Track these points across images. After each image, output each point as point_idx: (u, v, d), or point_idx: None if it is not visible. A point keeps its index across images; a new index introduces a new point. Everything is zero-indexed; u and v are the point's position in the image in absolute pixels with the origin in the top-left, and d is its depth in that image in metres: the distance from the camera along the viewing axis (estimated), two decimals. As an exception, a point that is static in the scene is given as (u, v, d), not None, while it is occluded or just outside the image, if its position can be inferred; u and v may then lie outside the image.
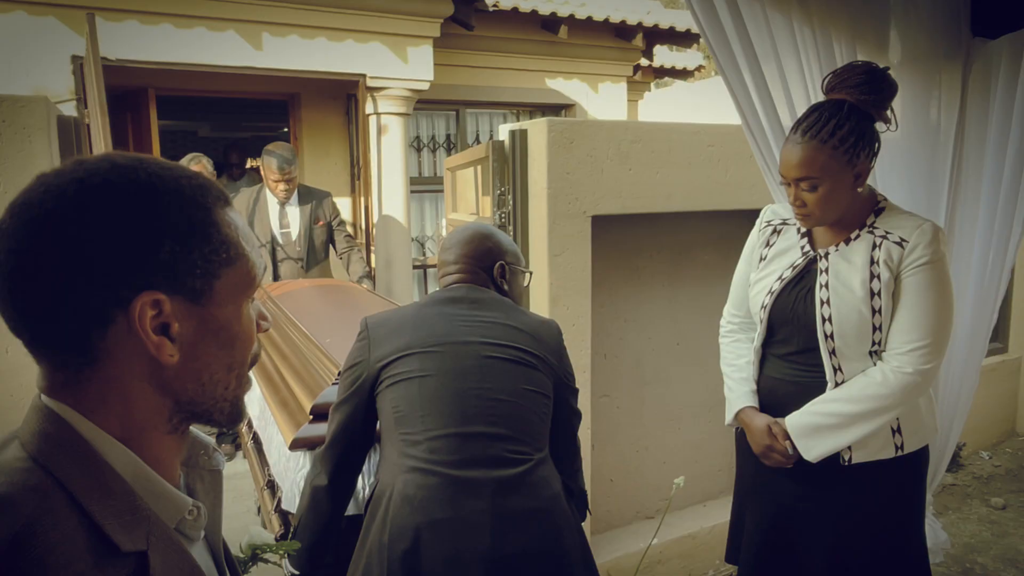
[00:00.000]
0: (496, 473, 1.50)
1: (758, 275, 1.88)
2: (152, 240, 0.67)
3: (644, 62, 7.06)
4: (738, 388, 1.94)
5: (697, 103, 13.13)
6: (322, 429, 1.74)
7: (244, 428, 2.86)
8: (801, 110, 2.31)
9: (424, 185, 6.09)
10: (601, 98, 6.61)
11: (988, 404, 4.53)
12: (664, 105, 13.96)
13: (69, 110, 3.99)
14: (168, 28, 4.19)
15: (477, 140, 6.34)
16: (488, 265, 1.76)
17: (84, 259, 0.65)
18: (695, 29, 6.54)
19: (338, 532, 1.71)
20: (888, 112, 1.74)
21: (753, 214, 3.39)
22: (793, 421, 1.75)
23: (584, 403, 2.48)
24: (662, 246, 3.24)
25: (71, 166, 0.69)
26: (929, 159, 2.51)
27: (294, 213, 4.06)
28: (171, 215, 0.68)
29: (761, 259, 1.90)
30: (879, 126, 1.75)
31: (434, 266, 6.08)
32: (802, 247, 1.82)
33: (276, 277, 4.04)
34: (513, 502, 1.48)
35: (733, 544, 2.04)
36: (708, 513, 3.35)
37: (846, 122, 1.64)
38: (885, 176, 2.49)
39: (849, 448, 1.72)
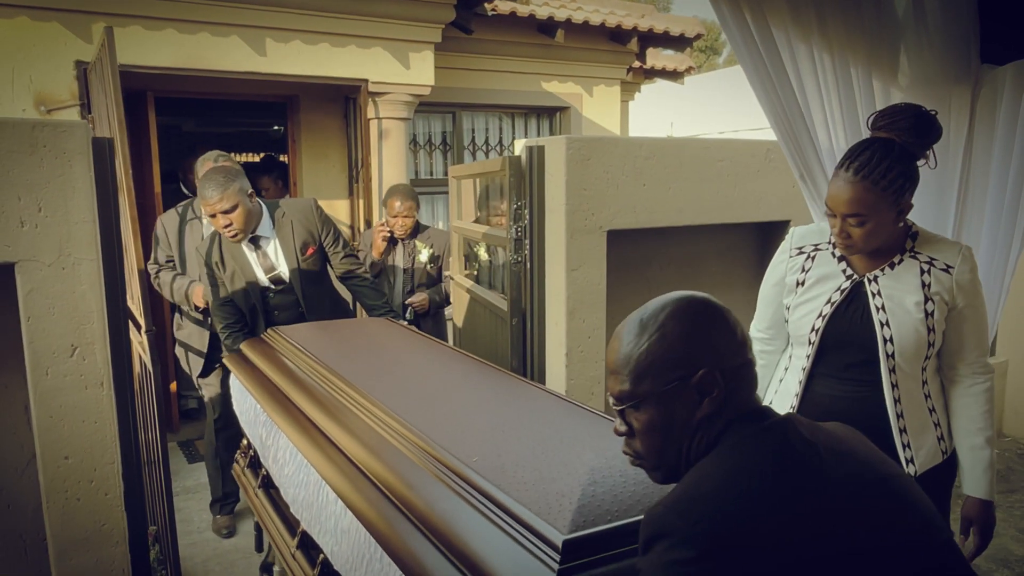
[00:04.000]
0: None
1: (799, 300, 1.96)
2: None
3: (636, 63, 7.12)
4: None
5: (683, 98, 13.27)
6: None
7: (246, 480, 2.57)
8: (821, 130, 2.40)
9: (421, 187, 6.11)
10: (595, 100, 6.66)
11: (976, 406, 4.67)
12: (652, 101, 14.07)
13: (71, 115, 3.97)
14: (172, 33, 4.17)
15: (473, 141, 6.37)
16: None
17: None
18: (688, 33, 6.62)
19: None
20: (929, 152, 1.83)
21: (760, 227, 3.49)
22: (975, 488, 1.86)
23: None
24: (672, 258, 3.32)
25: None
26: (938, 176, 2.60)
27: (273, 249, 3.03)
28: None
29: (799, 284, 1.97)
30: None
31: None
32: (844, 271, 1.90)
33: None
34: None
35: None
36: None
37: (896, 164, 1.71)
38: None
39: (913, 463, 1.83)
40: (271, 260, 3.01)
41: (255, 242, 2.99)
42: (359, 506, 1.55)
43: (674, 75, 8.20)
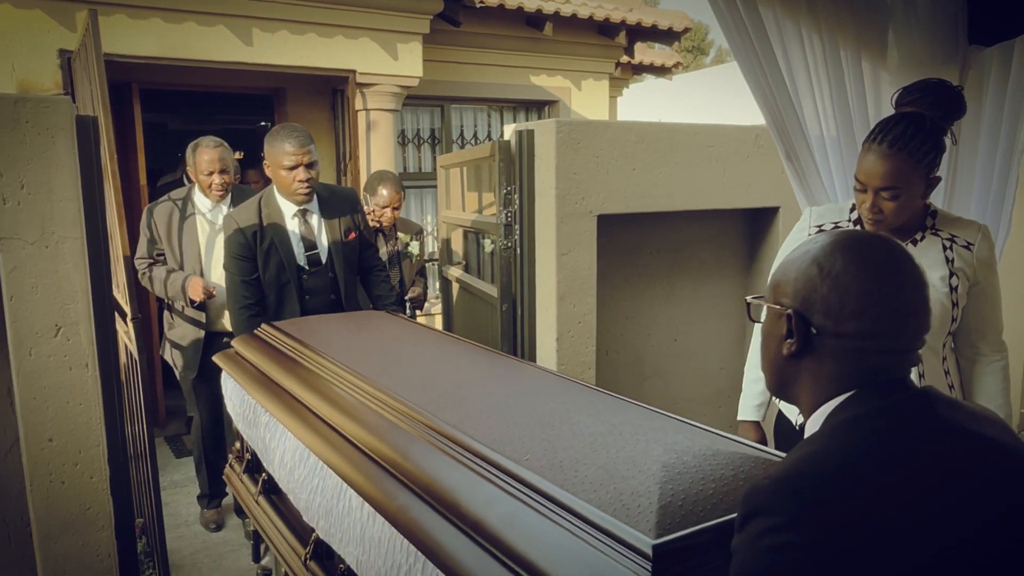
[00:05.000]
0: None
1: None
2: None
3: (624, 59, 7.13)
4: (746, 401, 2.19)
5: (671, 96, 13.31)
6: None
7: (243, 487, 2.38)
8: (809, 114, 2.40)
9: (409, 180, 6.09)
10: (584, 95, 6.67)
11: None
12: (640, 99, 14.10)
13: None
14: (157, 22, 4.14)
15: (461, 135, 6.35)
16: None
17: None
18: (676, 27, 6.64)
19: None
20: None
21: (749, 213, 3.49)
22: None
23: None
24: (661, 245, 3.31)
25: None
26: (926, 160, 2.61)
27: (319, 226, 2.89)
28: None
29: None
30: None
31: (425, 262, 6.08)
32: None
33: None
34: None
35: None
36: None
37: (929, 137, 1.72)
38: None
39: None
40: (314, 237, 2.87)
41: (303, 214, 2.85)
42: (394, 512, 1.38)
43: (662, 70, 8.22)
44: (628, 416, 1.48)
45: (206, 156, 3.29)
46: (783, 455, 1.23)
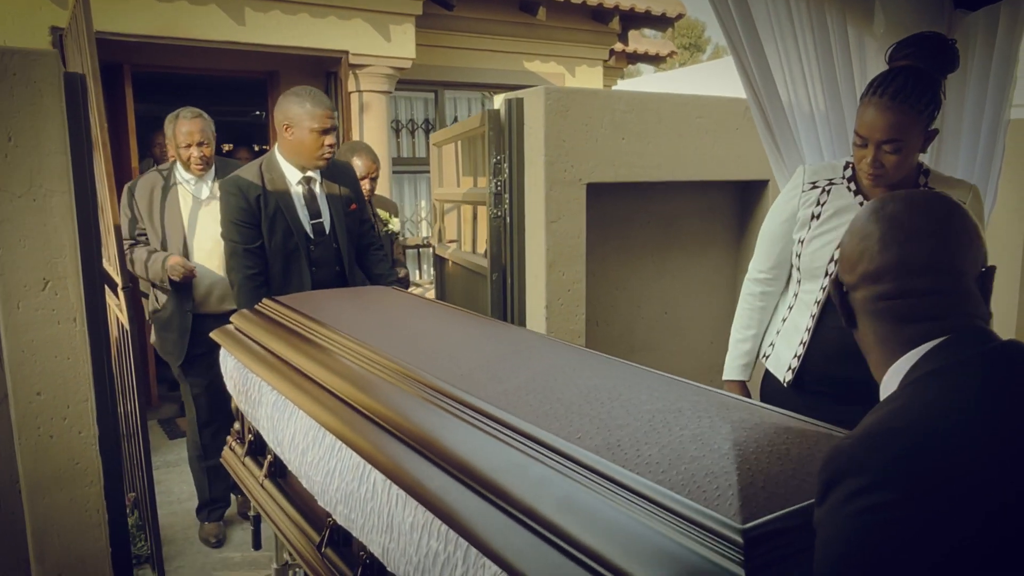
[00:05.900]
0: None
1: (814, 233, 1.96)
2: None
3: (618, 46, 7.14)
4: (732, 360, 2.21)
5: (666, 91, 13.31)
6: None
7: (244, 471, 2.23)
8: (798, 83, 2.41)
9: (403, 166, 6.10)
10: (578, 81, 6.67)
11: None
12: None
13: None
14: (149, 1, 4.14)
15: (456, 120, 6.36)
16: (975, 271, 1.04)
17: None
18: (669, 13, 6.65)
19: None
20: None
21: (739, 186, 3.51)
22: None
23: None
24: (651, 216, 3.32)
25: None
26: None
27: (322, 195, 2.81)
28: None
29: (814, 217, 1.97)
30: None
31: (416, 247, 6.11)
32: (861, 204, 1.91)
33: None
34: None
35: None
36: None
37: (928, 88, 1.73)
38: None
39: None
40: (318, 206, 2.77)
41: (308, 182, 2.75)
42: (430, 496, 1.29)
43: (656, 59, 8.23)
44: (683, 393, 1.39)
45: (184, 127, 3.12)
46: None
